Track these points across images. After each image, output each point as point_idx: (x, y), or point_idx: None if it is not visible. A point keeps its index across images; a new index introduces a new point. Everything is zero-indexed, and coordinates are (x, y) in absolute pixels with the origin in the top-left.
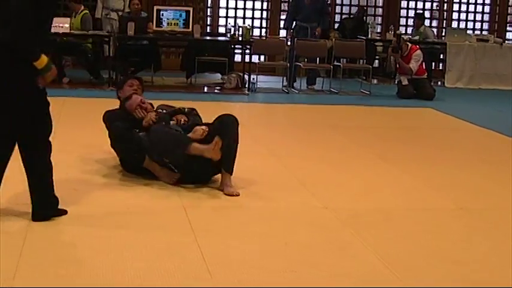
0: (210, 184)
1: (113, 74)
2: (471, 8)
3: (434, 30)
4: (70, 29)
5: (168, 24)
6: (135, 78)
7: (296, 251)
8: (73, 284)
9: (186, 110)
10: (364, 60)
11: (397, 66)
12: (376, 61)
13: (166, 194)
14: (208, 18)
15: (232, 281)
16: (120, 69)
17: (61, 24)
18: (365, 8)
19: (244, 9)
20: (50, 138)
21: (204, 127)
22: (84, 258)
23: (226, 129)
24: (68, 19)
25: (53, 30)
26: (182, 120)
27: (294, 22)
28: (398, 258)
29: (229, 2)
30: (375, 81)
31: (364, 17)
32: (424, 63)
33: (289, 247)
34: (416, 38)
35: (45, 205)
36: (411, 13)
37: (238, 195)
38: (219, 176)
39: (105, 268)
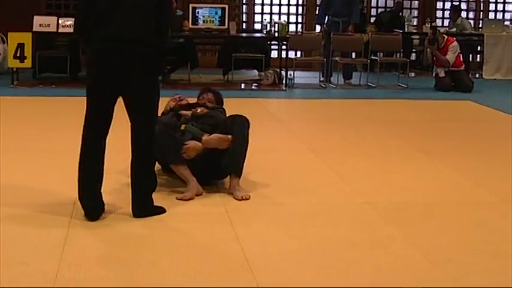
0: (248, 181)
1: None
2: None
3: (471, 21)
4: None
5: (203, 21)
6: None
7: (337, 246)
8: (114, 284)
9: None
10: (401, 54)
11: (434, 58)
12: (413, 54)
13: (206, 191)
14: (244, 15)
15: (273, 278)
16: None
17: None
18: (401, 1)
19: (280, 5)
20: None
21: (228, 137)
22: (126, 257)
23: (236, 130)
24: None
25: None
26: (199, 110)
27: (326, 17)
28: (442, 253)
29: None
30: (412, 74)
31: (401, 11)
32: (461, 55)
33: (329, 243)
34: (454, 30)
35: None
36: (447, 5)
37: (248, 198)
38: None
39: (147, 267)
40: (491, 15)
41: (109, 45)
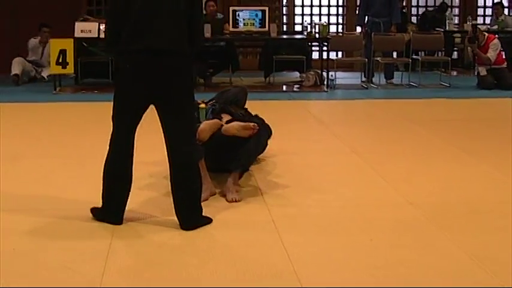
0: (293, 184)
1: None
2: None
3: None
4: None
5: (244, 24)
6: None
7: (381, 247)
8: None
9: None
10: (443, 52)
11: (475, 57)
12: (455, 53)
13: (249, 192)
14: (284, 17)
15: (318, 280)
16: (199, 71)
17: None
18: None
19: (320, 6)
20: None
21: (250, 125)
22: (169, 265)
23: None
24: None
25: None
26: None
27: (366, 17)
28: (488, 254)
29: None
30: (455, 73)
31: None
32: (503, 52)
33: (374, 244)
34: (495, 27)
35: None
36: (489, 2)
37: (238, 201)
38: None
39: (190, 269)
40: None
41: (148, 56)
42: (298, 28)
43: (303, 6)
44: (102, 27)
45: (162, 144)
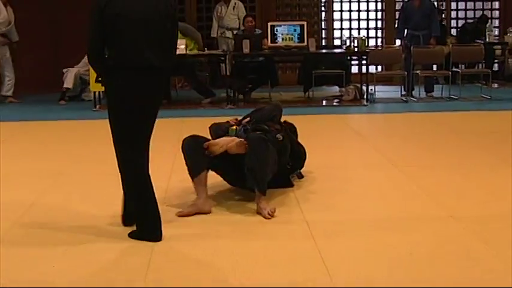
0: (332, 197)
1: (230, 92)
2: None
3: None
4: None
5: (282, 39)
6: None
7: (422, 261)
8: None
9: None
10: (483, 65)
11: None
12: (496, 65)
13: (288, 206)
14: (323, 31)
15: None
16: (238, 87)
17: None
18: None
19: (359, 20)
20: None
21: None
22: (209, 277)
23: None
24: (184, 40)
25: None
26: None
27: (405, 30)
28: None
29: (343, 13)
30: (495, 85)
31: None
32: None
33: (414, 258)
34: None
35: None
36: None
37: (272, 215)
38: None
39: (228, 271)
40: None
41: (138, 73)
42: (337, 42)
43: (341, 20)
44: None
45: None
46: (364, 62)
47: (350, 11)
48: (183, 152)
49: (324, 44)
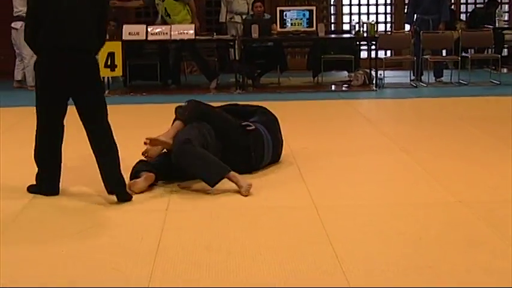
0: (341, 182)
1: (239, 77)
2: None
3: None
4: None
5: (291, 24)
6: None
7: (431, 246)
8: None
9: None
10: (493, 50)
11: None
12: (505, 50)
13: (296, 192)
14: (332, 16)
15: (366, 279)
16: (246, 72)
17: (185, 31)
18: None
19: (368, 5)
20: None
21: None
22: (218, 262)
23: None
24: (193, 25)
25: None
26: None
27: (415, 15)
28: None
29: None
30: (505, 70)
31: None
32: None
33: (423, 242)
34: None
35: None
36: None
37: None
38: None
39: (238, 272)
40: None
41: (64, 53)
42: (346, 27)
43: (350, 5)
44: (150, 29)
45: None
46: (373, 47)
47: None
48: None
49: (333, 29)
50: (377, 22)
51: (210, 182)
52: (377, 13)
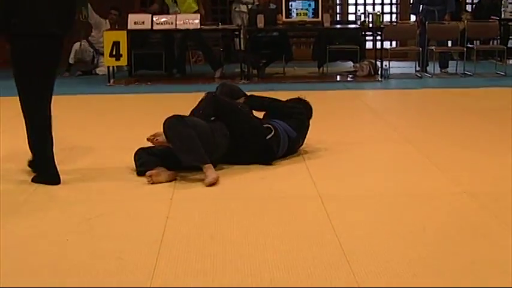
0: (345, 173)
1: (244, 67)
2: None
3: None
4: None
5: (297, 14)
6: None
7: (435, 237)
8: (212, 278)
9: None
10: (498, 41)
11: None
12: (511, 41)
13: (301, 181)
14: (338, 7)
15: (370, 269)
16: (252, 62)
17: (191, 20)
18: None
19: None
20: None
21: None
22: (222, 251)
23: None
24: (198, 15)
25: (182, 25)
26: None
27: (421, 6)
28: None
29: None
30: (510, 61)
31: None
32: None
33: (428, 233)
34: None
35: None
36: None
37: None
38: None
39: (242, 262)
40: None
41: (41, 39)
42: (351, 18)
43: None
44: (155, 18)
45: None
46: (378, 37)
47: None
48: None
49: (338, 19)
50: (382, 12)
51: (182, 162)
52: (382, 3)
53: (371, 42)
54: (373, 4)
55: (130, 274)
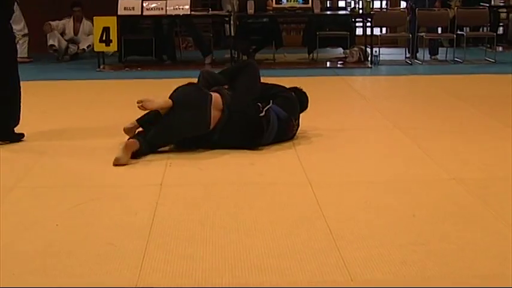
0: (335, 159)
1: (234, 53)
2: None
3: None
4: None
5: (287, 0)
6: None
7: (424, 223)
8: (202, 263)
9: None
10: (488, 28)
11: None
12: (500, 28)
13: (291, 168)
14: None
15: (359, 255)
16: (242, 48)
17: (181, 6)
18: None
19: None
20: None
21: None
22: (212, 237)
23: None
24: (188, 0)
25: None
26: None
27: None
28: None
29: None
30: (500, 48)
31: None
32: None
33: (417, 219)
34: None
35: None
36: None
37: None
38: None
39: (232, 247)
40: None
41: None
42: (341, 4)
43: None
44: (145, 4)
45: None
46: (368, 24)
47: None
48: None
49: (328, 5)
50: None
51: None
52: None
53: (361, 29)
54: None
55: (121, 259)
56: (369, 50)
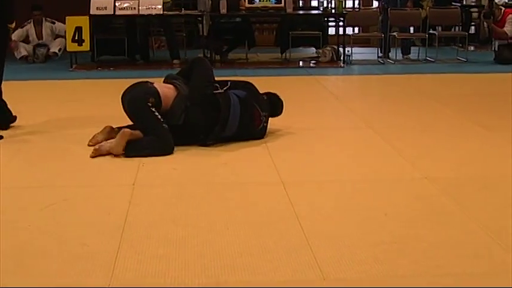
0: (308, 159)
1: (207, 53)
2: None
3: None
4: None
5: (260, 0)
6: None
7: (396, 222)
8: (175, 263)
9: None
10: (460, 27)
11: (490, 31)
12: (472, 27)
13: (264, 168)
14: None
15: (331, 254)
16: (214, 47)
17: (153, 6)
18: None
19: None
20: None
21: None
22: (185, 236)
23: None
24: (161, 0)
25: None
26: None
27: None
28: (503, 228)
29: None
30: (472, 48)
31: None
32: None
33: (389, 218)
34: None
35: None
36: None
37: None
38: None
39: (205, 247)
40: None
41: None
42: (314, 3)
43: None
44: (118, 4)
45: None
46: (341, 23)
47: None
48: None
49: (301, 5)
50: None
51: None
52: None
53: (334, 28)
54: None
55: (94, 259)
56: (341, 49)
